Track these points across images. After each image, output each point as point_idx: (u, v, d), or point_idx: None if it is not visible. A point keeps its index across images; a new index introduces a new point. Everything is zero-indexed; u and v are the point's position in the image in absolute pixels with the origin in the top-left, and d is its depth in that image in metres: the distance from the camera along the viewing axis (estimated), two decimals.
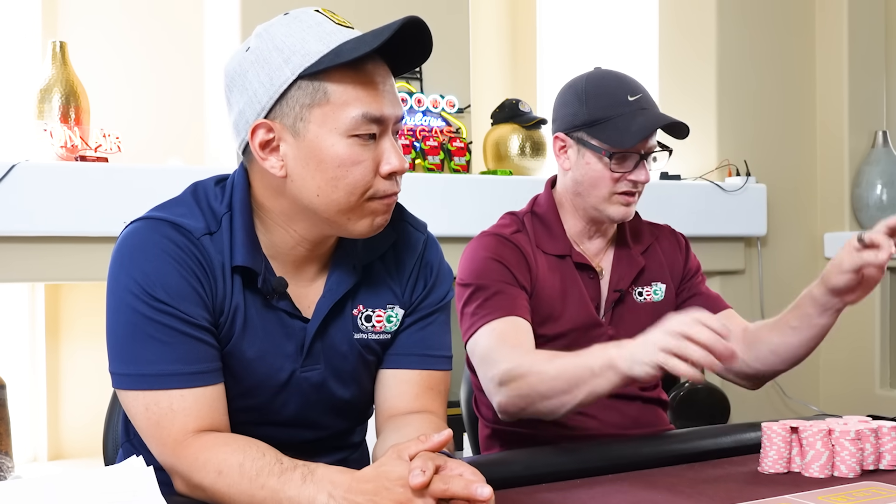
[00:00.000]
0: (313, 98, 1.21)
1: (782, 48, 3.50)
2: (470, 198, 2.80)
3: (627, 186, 1.74)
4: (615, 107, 1.73)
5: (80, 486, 1.06)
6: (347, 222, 1.26)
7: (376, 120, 1.21)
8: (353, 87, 1.20)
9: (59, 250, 2.38)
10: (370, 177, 1.23)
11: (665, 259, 1.86)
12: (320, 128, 1.21)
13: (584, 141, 1.74)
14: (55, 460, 2.84)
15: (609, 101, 1.73)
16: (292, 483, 1.09)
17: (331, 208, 1.24)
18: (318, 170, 1.22)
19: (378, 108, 1.21)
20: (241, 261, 1.25)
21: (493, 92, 3.52)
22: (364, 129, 1.21)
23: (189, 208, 1.28)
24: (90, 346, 2.84)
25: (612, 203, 1.75)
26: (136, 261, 1.22)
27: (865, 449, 1.37)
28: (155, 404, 1.20)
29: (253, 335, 1.28)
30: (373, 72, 1.22)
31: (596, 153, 1.73)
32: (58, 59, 2.50)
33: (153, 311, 1.20)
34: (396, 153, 1.24)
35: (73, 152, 2.42)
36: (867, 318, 3.43)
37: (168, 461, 1.20)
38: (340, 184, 1.22)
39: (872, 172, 3.41)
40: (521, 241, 1.76)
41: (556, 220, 1.80)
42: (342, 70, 1.20)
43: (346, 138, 1.21)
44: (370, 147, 1.22)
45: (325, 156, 1.22)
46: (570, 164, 1.77)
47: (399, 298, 1.37)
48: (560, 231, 1.80)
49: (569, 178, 1.79)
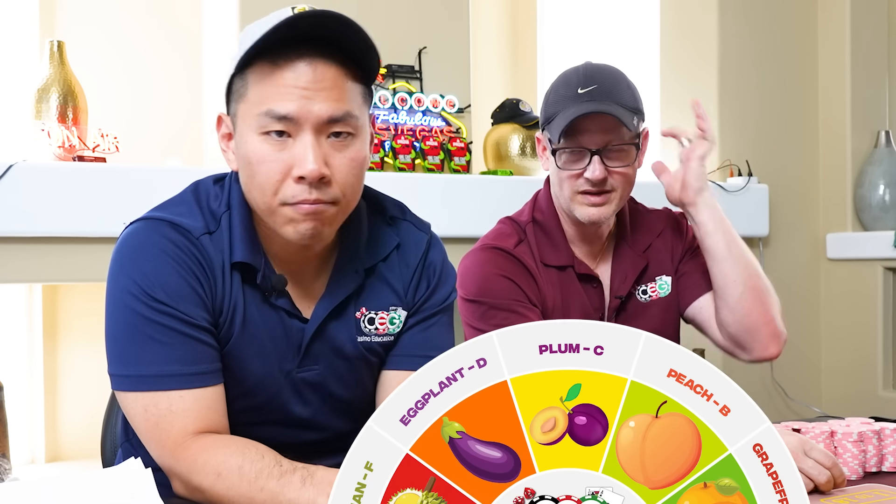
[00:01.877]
0: (239, 94, 1.21)
1: (784, 48, 3.48)
2: (470, 198, 2.79)
3: (585, 186, 1.65)
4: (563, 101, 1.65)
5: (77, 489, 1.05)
6: (275, 225, 1.23)
7: (282, 117, 1.16)
8: (265, 82, 1.17)
9: (56, 251, 2.36)
10: (277, 178, 1.18)
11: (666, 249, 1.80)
12: (242, 123, 1.21)
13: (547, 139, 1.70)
14: (53, 462, 2.83)
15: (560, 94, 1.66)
16: (292, 486, 1.08)
17: (258, 209, 1.23)
18: (242, 167, 1.22)
19: (284, 105, 1.16)
20: (240, 257, 1.24)
21: (494, 91, 3.51)
22: (271, 126, 1.17)
23: (189, 207, 1.27)
24: (88, 348, 2.83)
25: (577, 203, 1.67)
26: (136, 261, 1.21)
27: (868, 451, 1.37)
28: (154, 405, 1.19)
29: (252, 334, 1.27)
30: (286, 66, 1.17)
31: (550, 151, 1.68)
32: (55, 58, 2.49)
33: (152, 311, 1.19)
34: (314, 157, 1.16)
35: (71, 152, 2.41)
36: (869, 319, 3.41)
37: (167, 463, 1.20)
38: (253, 183, 1.20)
39: (875, 173, 3.39)
40: (524, 256, 1.70)
41: (558, 228, 1.75)
42: (261, 64, 1.18)
43: (258, 135, 1.18)
44: (285, 146, 1.18)
45: (242, 153, 1.21)
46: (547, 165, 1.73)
47: (402, 300, 1.36)
48: (562, 239, 1.74)
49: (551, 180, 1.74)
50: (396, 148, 2.79)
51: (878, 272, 3.36)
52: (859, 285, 3.42)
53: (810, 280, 3.53)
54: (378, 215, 1.38)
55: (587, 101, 1.62)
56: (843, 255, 3.46)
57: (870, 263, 3.38)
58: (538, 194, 1.81)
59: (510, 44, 3.72)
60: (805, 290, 3.51)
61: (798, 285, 3.51)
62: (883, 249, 3.31)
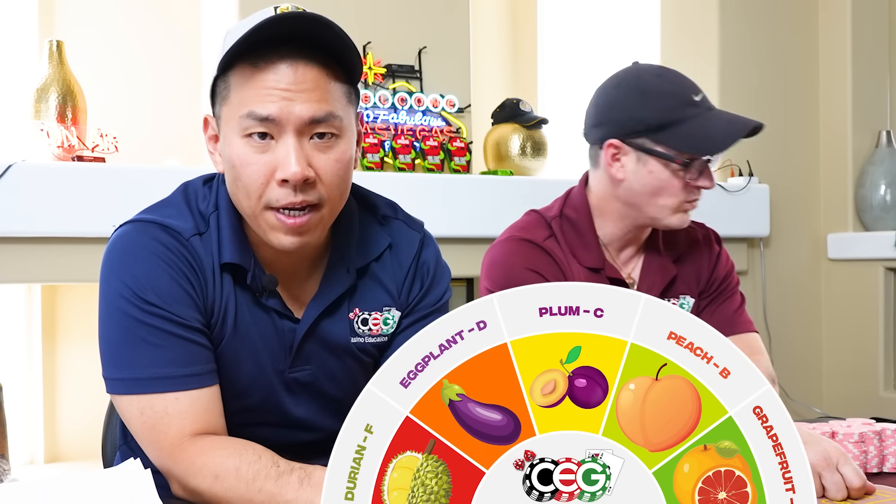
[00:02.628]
0: (222, 96, 1.20)
1: (785, 47, 3.48)
2: (470, 198, 2.78)
3: (694, 194, 1.61)
4: (682, 108, 1.58)
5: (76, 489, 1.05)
6: (259, 231, 1.22)
7: (263, 119, 1.15)
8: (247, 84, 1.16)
9: (55, 251, 2.36)
10: (260, 181, 1.17)
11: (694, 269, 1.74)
12: (226, 125, 1.20)
13: (648, 148, 1.59)
14: (52, 463, 2.83)
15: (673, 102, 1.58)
16: (290, 486, 1.07)
17: (245, 212, 1.22)
18: (227, 170, 1.21)
19: (265, 107, 1.15)
20: (229, 258, 1.23)
21: (494, 91, 3.51)
22: (253, 128, 1.16)
23: (178, 209, 1.26)
24: (87, 348, 2.82)
25: (674, 212, 1.62)
26: (126, 264, 1.20)
27: (869, 451, 1.36)
28: (150, 408, 1.18)
29: (244, 335, 1.26)
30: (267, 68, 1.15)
31: (663, 161, 1.58)
32: (54, 58, 2.49)
33: (145, 314, 1.19)
34: (297, 159, 1.15)
35: (70, 152, 2.41)
36: (870, 320, 3.40)
37: (165, 465, 1.19)
38: (239, 185, 1.19)
39: (876, 173, 3.39)
40: (555, 250, 1.64)
41: (591, 229, 1.67)
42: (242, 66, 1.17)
43: (241, 138, 1.17)
44: (268, 149, 1.17)
45: (227, 155, 1.20)
46: (625, 173, 1.62)
47: (395, 300, 1.35)
48: (594, 240, 1.67)
49: (622, 188, 1.63)
50: (396, 148, 2.78)
51: (879, 272, 3.35)
52: (860, 286, 3.41)
53: (811, 280, 3.53)
54: (369, 215, 1.37)
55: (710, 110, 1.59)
56: (844, 255, 3.46)
57: (871, 264, 3.38)
58: (571, 192, 1.74)
59: (510, 43, 3.72)
60: (806, 291, 3.51)
61: (799, 285, 3.51)
62: (884, 250, 3.31)
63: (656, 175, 1.59)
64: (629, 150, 1.61)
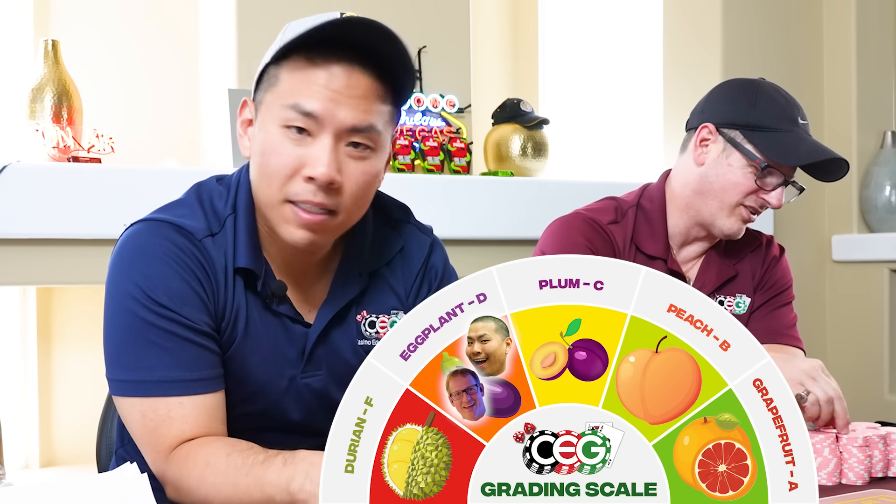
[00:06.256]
0: (270, 83, 1.20)
1: (789, 45, 3.46)
2: (471, 199, 2.76)
3: (756, 203, 1.67)
4: (785, 121, 1.65)
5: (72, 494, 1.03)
6: (273, 221, 1.22)
7: (307, 113, 1.16)
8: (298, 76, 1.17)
9: (51, 253, 2.34)
10: (286, 173, 1.17)
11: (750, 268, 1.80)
12: (266, 112, 1.20)
13: (737, 142, 1.66)
14: (47, 467, 2.82)
15: (781, 113, 1.66)
16: (274, 467, 1.08)
17: (262, 200, 1.22)
18: (257, 155, 1.21)
19: (311, 102, 1.16)
20: (243, 263, 1.23)
21: (494, 91, 3.49)
22: (294, 121, 1.16)
23: (191, 209, 1.26)
24: (83, 351, 2.82)
25: (731, 215, 1.68)
26: (137, 264, 1.19)
27: (874, 456, 1.36)
28: (153, 411, 1.18)
29: (254, 340, 1.25)
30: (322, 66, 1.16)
31: (746, 158, 1.65)
32: (50, 57, 2.47)
33: (154, 315, 1.18)
34: (329, 161, 1.16)
35: (66, 153, 2.39)
36: (875, 322, 3.38)
37: (160, 467, 1.18)
38: (264, 171, 1.19)
39: (881, 174, 3.37)
40: (616, 234, 1.70)
41: (661, 219, 1.73)
42: (298, 58, 1.17)
43: (279, 127, 1.18)
44: (303, 143, 1.17)
45: (260, 139, 1.20)
46: (706, 158, 1.69)
47: (403, 303, 1.35)
48: (662, 229, 1.73)
49: (696, 173, 1.70)
50: (396, 148, 2.76)
51: (884, 274, 3.33)
52: (865, 287, 3.39)
53: (815, 282, 3.50)
54: (382, 218, 1.38)
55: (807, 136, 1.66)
56: (849, 256, 3.44)
57: (876, 265, 3.36)
58: (649, 185, 1.80)
59: (510, 43, 3.71)
60: (810, 293, 3.48)
61: (803, 287, 3.47)
62: (889, 251, 3.29)
63: (733, 169, 1.66)
64: (719, 139, 1.67)
